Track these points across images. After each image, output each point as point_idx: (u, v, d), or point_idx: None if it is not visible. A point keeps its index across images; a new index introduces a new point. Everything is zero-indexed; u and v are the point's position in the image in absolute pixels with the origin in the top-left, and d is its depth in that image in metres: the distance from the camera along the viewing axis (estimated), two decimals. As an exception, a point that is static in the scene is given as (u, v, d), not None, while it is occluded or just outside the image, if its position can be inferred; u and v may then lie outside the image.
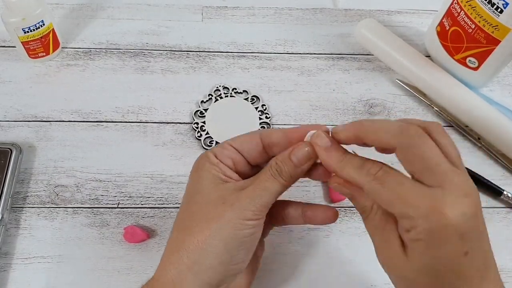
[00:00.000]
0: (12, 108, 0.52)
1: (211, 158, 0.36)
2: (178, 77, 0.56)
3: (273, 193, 0.34)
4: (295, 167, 0.34)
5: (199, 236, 0.33)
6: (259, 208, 0.33)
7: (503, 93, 0.58)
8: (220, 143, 0.37)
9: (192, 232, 0.33)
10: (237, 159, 0.36)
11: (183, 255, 0.33)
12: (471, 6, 0.50)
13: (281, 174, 0.34)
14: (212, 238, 0.32)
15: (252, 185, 0.34)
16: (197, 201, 0.34)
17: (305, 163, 0.35)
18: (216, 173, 0.35)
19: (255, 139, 0.37)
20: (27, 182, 0.48)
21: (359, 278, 0.45)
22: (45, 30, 0.53)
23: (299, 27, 0.62)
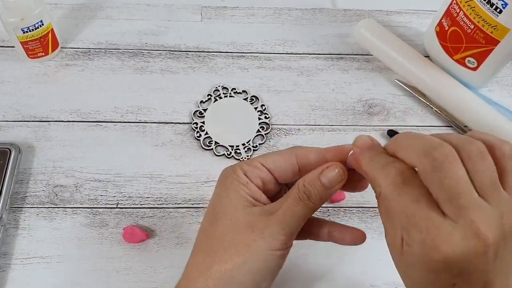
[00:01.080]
0: (11, 108, 0.52)
1: (240, 177, 0.34)
2: (177, 77, 0.56)
3: (302, 218, 0.33)
4: (325, 189, 0.33)
5: (227, 265, 0.32)
6: (289, 236, 0.32)
7: (502, 93, 0.59)
8: (251, 159, 0.35)
9: (220, 260, 0.32)
10: (266, 179, 0.35)
11: (209, 283, 0.32)
12: (470, 6, 0.50)
13: (310, 197, 0.33)
14: (241, 269, 0.32)
15: (280, 210, 0.32)
16: (225, 223, 0.33)
17: (335, 184, 0.33)
18: (245, 195, 0.33)
19: (290, 160, 0.35)
20: (26, 182, 0.48)
21: (359, 278, 0.45)
22: (44, 30, 0.53)
23: (298, 27, 0.62)
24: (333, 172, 0.33)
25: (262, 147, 0.52)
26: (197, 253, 0.34)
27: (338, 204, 0.49)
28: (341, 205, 0.49)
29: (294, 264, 0.45)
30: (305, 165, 0.35)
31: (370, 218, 0.48)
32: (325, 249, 0.46)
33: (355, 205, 0.49)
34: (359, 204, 0.49)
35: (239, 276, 0.32)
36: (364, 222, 0.48)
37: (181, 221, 0.47)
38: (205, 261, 0.33)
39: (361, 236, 0.36)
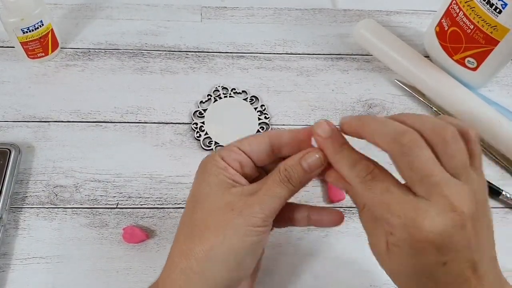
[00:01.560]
0: (11, 109, 0.52)
1: (218, 162, 0.35)
2: (177, 77, 0.56)
3: (282, 199, 0.34)
4: (305, 173, 0.34)
5: (208, 244, 0.32)
6: (268, 215, 0.33)
7: (501, 93, 0.59)
8: (227, 145, 0.36)
9: (201, 240, 0.33)
10: (244, 162, 0.35)
11: (192, 263, 0.32)
12: (470, 7, 0.50)
13: (291, 180, 0.33)
14: (221, 246, 0.32)
15: (260, 191, 0.33)
16: (205, 207, 0.34)
17: (315, 169, 0.34)
18: (224, 178, 0.34)
19: (264, 141, 0.36)
20: (26, 183, 0.48)
21: (358, 278, 0.45)
22: (44, 31, 0.53)
23: (298, 27, 0.62)
24: (314, 157, 0.34)
25: (262, 147, 0.52)
26: (178, 239, 0.35)
27: (338, 204, 0.49)
28: (341, 205, 0.49)
29: (293, 265, 0.45)
30: (278, 145, 0.36)
31: (370, 218, 0.48)
32: (324, 249, 0.46)
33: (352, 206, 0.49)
34: (359, 204, 0.49)
35: (220, 253, 0.32)
36: (364, 222, 0.48)
37: (181, 221, 0.47)
38: (186, 244, 0.33)
39: (339, 218, 0.37)
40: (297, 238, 0.47)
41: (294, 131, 0.36)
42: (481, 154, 0.30)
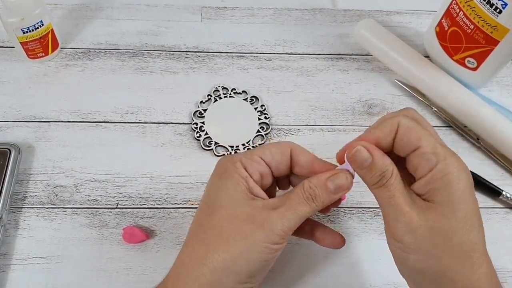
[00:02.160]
0: (11, 109, 0.52)
1: (240, 170, 0.34)
2: (177, 77, 0.56)
3: (303, 217, 0.33)
4: (329, 194, 0.34)
5: (224, 255, 0.32)
6: (287, 232, 0.33)
7: (502, 93, 0.59)
8: (249, 152, 0.35)
9: (217, 249, 0.32)
10: (265, 173, 0.35)
11: (206, 271, 0.32)
12: (470, 7, 0.50)
13: (314, 199, 0.33)
14: (238, 259, 0.32)
15: (283, 207, 0.33)
16: (223, 214, 0.33)
17: (341, 192, 0.34)
18: (244, 188, 0.34)
19: (286, 154, 0.35)
20: (26, 183, 0.48)
21: (358, 278, 0.45)
22: (44, 31, 0.53)
23: (298, 27, 0.62)
24: (342, 178, 0.34)
25: (262, 147, 0.52)
26: (191, 243, 0.34)
27: (338, 204, 0.49)
28: (341, 206, 0.49)
29: (292, 265, 0.45)
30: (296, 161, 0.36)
31: (370, 218, 0.48)
32: (324, 249, 0.46)
33: (355, 206, 0.49)
34: (359, 205, 0.49)
35: (235, 265, 0.32)
36: (364, 223, 0.48)
37: (181, 221, 0.47)
38: (200, 251, 0.33)
39: (340, 242, 0.38)
40: (297, 238, 0.47)
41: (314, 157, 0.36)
42: None
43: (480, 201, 0.50)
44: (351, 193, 0.49)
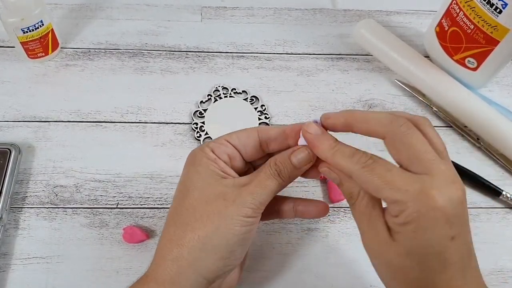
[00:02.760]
0: (11, 109, 0.52)
1: (208, 153, 0.36)
2: (177, 77, 0.56)
3: (272, 191, 0.35)
4: (294, 168, 0.35)
5: (200, 232, 0.33)
6: (258, 206, 0.34)
7: (502, 93, 0.59)
8: (217, 138, 0.37)
9: (193, 228, 0.33)
10: (233, 155, 0.37)
11: (184, 251, 0.33)
12: (470, 7, 0.50)
13: (280, 174, 0.35)
14: (214, 234, 0.33)
15: (252, 183, 0.34)
16: (196, 196, 0.34)
17: (304, 165, 0.35)
18: (214, 169, 0.35)
19: (253, 135, 0.37)
20: (26, 183, 0.48)
21: (358, 278, 0.45)
22: (44, 30, 0.53)
23: (298, 27, 0.62)
24: (303, 153, 0.35)
25: (262, 147, 0.52)
26: (168, 227, 0.35)
27: (337, 205, 0.49)
28: (341, 205, 0.49)
29: (292, 265, 0.45)
30: (266, 139, 0.37)
31: (370, 218, 0.48)
32: (324, 249, 0.46)
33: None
34: (359, 204, 0.49)
35: (212, 241, 0.33)
36: (364, 222, 0.48)
37: (181, 221, 0.47)
38: (177, 232, 0.34)
39: (324, 208, 0.39)
40: (297, 238, 0.47)
41: (281, 128, 0.37)
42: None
43: (480, 201, 0.50)
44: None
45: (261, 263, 0.45)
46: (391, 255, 0.31)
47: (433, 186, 0.28)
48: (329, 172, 0.34)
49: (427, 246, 0.29)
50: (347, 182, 0.33)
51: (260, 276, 0.44)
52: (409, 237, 0.30)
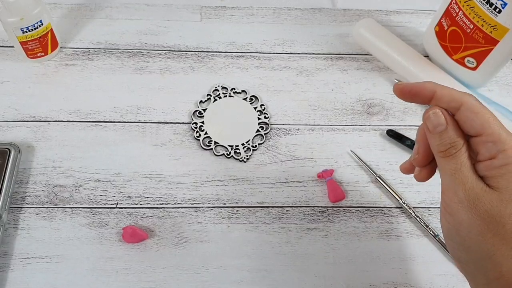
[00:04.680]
0: (10, 108, 0.52)
1: None
2: (177, 77, 0.56)
3: None
4: None
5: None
6: None
7: (501, 93, 0.59)
8: None
9: None
10: None
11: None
12: (470, 6, 0.50)
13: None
14: None
15: None
16: None
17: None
18: None
19: None
20: (25, 182, 0.48)
21: (358, 278, 0.45)
22: (44, 30, 0.53)
23: (297, 27, 0.62)
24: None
25: (261, 147, 0.52)
26: None
27: (338, 204, 0.49)
28: (341, 205, 0.49)
29: (292, 264, 0.45)
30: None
31: (369, 218, 0.48)
32: (324, 249, 0.46)
33: (355, 205, 0.49)
34: (359, 204, 0.49)
35: None
36: (363, 222, 0.48)
37: (181, 221, 0.47)
38: None
39: None
40: (297, 238, 0.47)
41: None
42: None
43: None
44: (351, 193, 0.49)
45: (261, 263, 0.45)
46: (488, 205, 0.31)
47: None
48: (439, 115, 0.33)
49: None
50: (452, 130, 0.33)
51: (260, 276, 0.45)
52: (505, 178, 0.30)
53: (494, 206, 0.31)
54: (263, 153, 0.52)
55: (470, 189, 0.32)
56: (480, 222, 0.31)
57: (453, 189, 0.32)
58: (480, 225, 0.31)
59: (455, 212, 0.32)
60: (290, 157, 0.51)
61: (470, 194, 0.31)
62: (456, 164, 0.32)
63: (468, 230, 0.32)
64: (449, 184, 0.33)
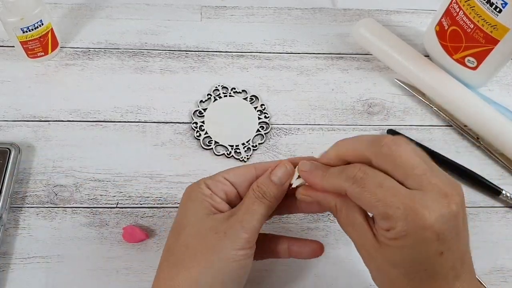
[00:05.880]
0: (10, 108, 0.52)
1: (203, 189, 0.36)
2: (177, 76, 0.56)
3: (261, 215, 0.34)
4: (276, 187, 0.35)
5: (193, 271, 0.32)
6: (250, 234, 0.33)
7: (501, 92, 0.59)
8: (214, 175, 0.37)
9: (187, 267, 0.33)
10: (229, 192, 0.36)
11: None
12: (470, 6, 0.50)
13: (265, 195, 0.35)
14: (208, 272, 0.32)
15: (240, 211, 0.34)
16: (189, 233, 0.34)
17: (285, 181, 0.35)
18: (208, 205, 0.35)
19: (250, 172, 0.37)
20: (26, 182, 0.48)
21: (357, 278, 0.45)
22: (44, 30, 0.53)
23: (298, 26, 0.62)
24: (282, 169, 0.35)
25: (261, 146, 0.52)
26: (162, 266, 0.35)
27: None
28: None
29: (291, 265, 0.45)
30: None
31: (369, 217, 0.48)
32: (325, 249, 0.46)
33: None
34: (359, 204, 0.49)
35: (206, 279, 0.32)
36: (363, 222, 0.48)
37: (181, 220, 0.47)
38: (171, 273, 0.33)
39: (319, 248, 0.39)
40: (297, 238, 0.47)
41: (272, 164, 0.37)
42: None
43: (480, 200, 0.50)
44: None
45: (261, 263, 0.45)
46: (380, 262, 0.31)
47: (424, 203, 0.28)
48: (304, 197, 0.35)
49: (414, 262, 0.29)
50: (323, 200, 0.33)
51: (259, 275, 0.44)
52: (397, 251, 0.29)
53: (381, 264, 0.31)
54: (264, 153, 0.52)
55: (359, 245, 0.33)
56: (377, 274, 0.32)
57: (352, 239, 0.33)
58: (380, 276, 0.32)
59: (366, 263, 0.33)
60: (290, 156, 0.51)
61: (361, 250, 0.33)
62: (340, 223, 0.33)
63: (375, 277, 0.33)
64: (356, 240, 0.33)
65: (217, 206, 0.35)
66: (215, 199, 0.35)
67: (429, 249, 0.28)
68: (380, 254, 0.30)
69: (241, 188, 0.37)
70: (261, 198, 0.35)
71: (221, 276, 0.32)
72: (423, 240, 0.28)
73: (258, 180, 0.36)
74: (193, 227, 0.34)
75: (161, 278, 0.34)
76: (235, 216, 0.34)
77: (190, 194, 0.36)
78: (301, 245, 0.39)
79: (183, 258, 0.33)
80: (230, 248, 0.33)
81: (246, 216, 0.34)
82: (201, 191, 0.35)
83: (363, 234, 0.31)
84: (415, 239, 0.28)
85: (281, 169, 0.35)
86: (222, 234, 0.33)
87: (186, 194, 0.37)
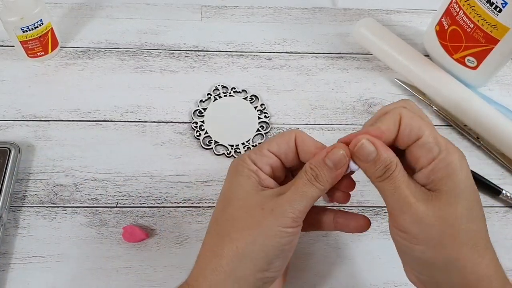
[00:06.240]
0: (10, 108, 0.52)
1: (250, 165, 0.35)
2: (177, 76, 0.56)
3: (311, 198, 0.34)
4: (330, 171, 0.34)
5: (238, 243, 0.32)
6: (298, 214, 0.33)
7: (502, 92, 0.59)
8: (257, 148, 0.36)
9: (232, 239, 0.33)
10: (274, 165, 0.36)
11: (223, 262, 0.32)
12: (470, 6, 0.50)
13: (317, 179, 0.34)
14: (252, 246, 0.32)
15: (290, 191, 0.33)
16: (236, 206, 0.34)
17: (340, 167, 0.34)
18: (255, 181, 0.35)
19: (291, 142, 0.36)
20: (26, 182, 0.48)
21: (358, 278, 0.45)
22: (44, 29, 0.53)
23: (298, 26, 0.62)
24: (338, 153, 0.34)
25: (261, 146, 0.52)
26: (208, 237, 0.35)
27: (337, 204, 0.49)
28: (340, 205, 0.49)
29: (292, 264, 0.45)
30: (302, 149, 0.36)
31: (370, 217, 0.48)
32: (324, 248, 0.46)
33: (355, 205, 0.49)
34: (359, 204, 0.49)
35: (251, 253, 0.32)
36: (363, 221, 0.48)
37: (181, 220, 0.47)
38: (217, 242, 0.34)
39: (365, 224, 0.38)
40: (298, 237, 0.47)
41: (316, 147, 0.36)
42: None
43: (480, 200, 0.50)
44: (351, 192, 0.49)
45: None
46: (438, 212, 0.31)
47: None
48: (366, 145, 0.33)
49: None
50: (384, 153, 0.32)
51: (259, 275, 0.44)
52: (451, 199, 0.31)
53: (443, 211, 0.31)
54: (264, 153, 0.52)
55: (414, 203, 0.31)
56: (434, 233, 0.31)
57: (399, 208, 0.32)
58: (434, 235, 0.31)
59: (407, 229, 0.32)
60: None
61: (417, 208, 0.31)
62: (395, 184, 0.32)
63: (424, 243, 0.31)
64: (393, 204, 0.32)
65: (263, 182, 0.35)
66: (260, 175, 0.35)
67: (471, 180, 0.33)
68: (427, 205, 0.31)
69: (285, 158, 0.36)
70: (313, 181, 0.34)
71: (264, 250, 0.32)
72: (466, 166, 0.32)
73: (312, 161, 0.34)
74: (239, 201, 0.34)
75: (206, 248, 0.34)
76: (284, 195, 0.33)
77: (237, 168, 0.35)
78: (348, 218, 0.38)
79: (229, 230, 0.33)
80: (275, 225, 0.32)
81: (295, 197, 0.33)
82: (247, 166, 0.35)
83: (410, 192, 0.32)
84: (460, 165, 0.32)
85: (338, 153, 0.34)
86: (269, 211, 0.33)
87: (233, 168, 0.36)
